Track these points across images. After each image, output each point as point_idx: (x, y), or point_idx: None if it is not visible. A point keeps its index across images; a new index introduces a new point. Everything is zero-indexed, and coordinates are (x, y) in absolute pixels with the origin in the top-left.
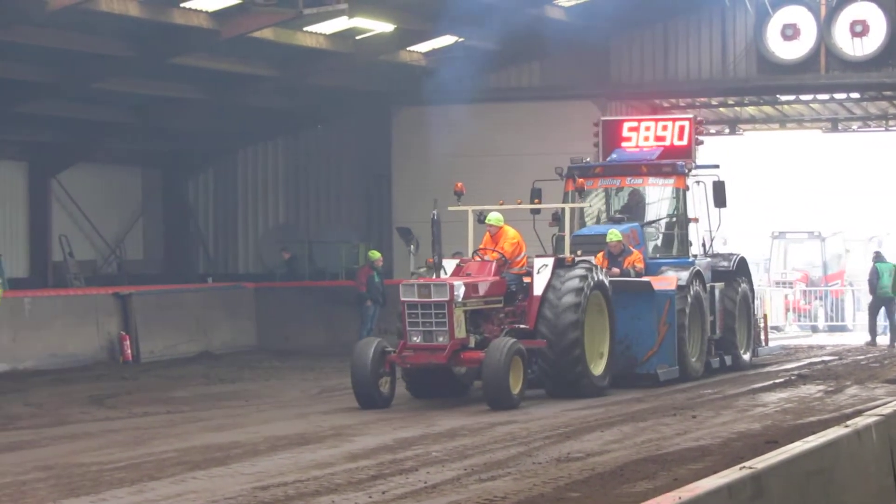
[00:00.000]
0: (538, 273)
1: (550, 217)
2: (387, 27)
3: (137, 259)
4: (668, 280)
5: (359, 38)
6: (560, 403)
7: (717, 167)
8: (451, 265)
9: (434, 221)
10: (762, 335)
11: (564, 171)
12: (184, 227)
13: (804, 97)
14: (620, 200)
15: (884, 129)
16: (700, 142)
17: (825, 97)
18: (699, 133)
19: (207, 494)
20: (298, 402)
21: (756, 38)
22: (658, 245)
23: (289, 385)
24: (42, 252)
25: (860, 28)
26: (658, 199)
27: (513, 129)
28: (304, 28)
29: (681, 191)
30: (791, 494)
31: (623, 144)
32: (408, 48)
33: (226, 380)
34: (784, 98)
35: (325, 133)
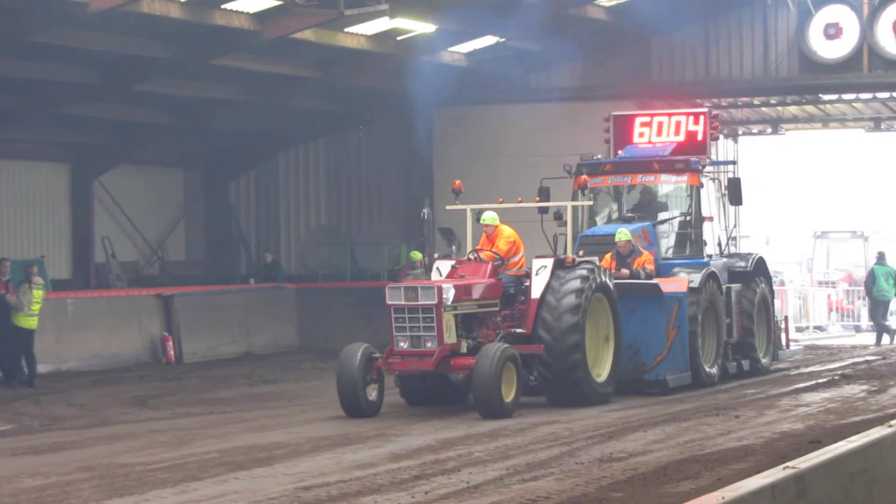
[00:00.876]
0: (537, 274)
1: (553, 216)
2: (428, 28)
3: (179, 260)
4: (680, 282)
5: (400, 39)
6: (602, 405)
7: (734, 163)
8: (447, 266)
9: (425, 221)
10: (783, 338)
11: (573, 169)
12: (225, 229)
13: (847, 96)
14: (632, 199)
15: None
16: (716, 137)
17: (868, 96)
18: (714, 128)
19: (250, 495)
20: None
21: (798, 38)
22: (671, 245)
23: (331, 386)
24: (85, 253)
25: None
26: (671, 197)
27: (553, 130)
28: (346, 29)
29: (695, 188)
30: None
31: (635, 141)
32: (449, 49)
33: (268, 380)
34: (826, 97)
35: (367, 134)
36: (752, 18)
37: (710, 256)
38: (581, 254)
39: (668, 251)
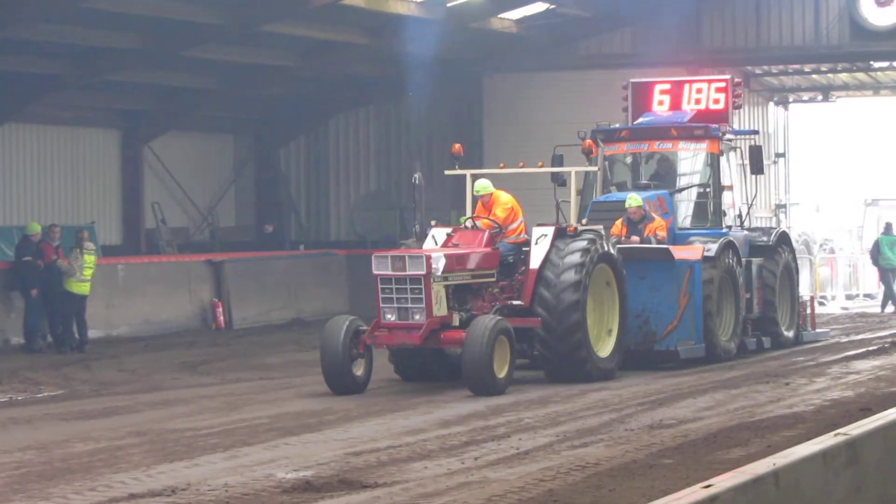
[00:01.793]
0: (536, 243)
1: (554, 180)
2: None
3: (230, 226)
4: (694, 250)
5: (450, 6)
6: (652, 371)
7: (756, 132)
8: (442, 235)
9: (417, 186)
10: (808, 318)
11: (587, 135)
12: (275, 195)
13: None
14: (650, 168)
15: None
16: (738, 105)
17: None
18: (737, 96)
19: (300, 460)
20: (390, 369)
21: (849, 5)
22: (688, 215)
23: (381, 352)
24: (135, 219)
25: None
26: (689, 166)
27: (605, 96)
28: None
29: (714, 156)
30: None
31: (654, 108)
32: (499, 15)
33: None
34: (877, 65)
35: (417, 100)
36: None
37: (730, 227)
38: (585, 222)
39: (686, 220)
